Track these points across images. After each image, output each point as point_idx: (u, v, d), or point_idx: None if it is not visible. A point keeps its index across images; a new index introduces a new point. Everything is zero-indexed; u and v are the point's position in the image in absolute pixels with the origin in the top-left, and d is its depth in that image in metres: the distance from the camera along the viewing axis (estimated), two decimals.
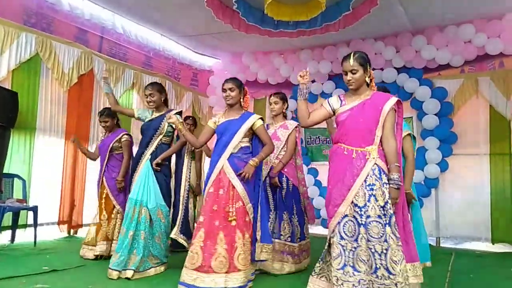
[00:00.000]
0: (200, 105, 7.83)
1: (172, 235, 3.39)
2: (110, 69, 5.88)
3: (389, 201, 2.44)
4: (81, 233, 5.51)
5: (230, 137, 3.13)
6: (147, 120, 3.75)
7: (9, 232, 4.62)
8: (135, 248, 3.41)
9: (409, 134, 3.10)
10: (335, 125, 2.95)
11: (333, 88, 6.66)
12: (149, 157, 3.59)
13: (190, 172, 3.62)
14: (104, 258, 3.95)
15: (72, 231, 5.42)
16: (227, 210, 3.01)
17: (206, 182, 3.18)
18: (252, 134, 3.24)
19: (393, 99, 2.55)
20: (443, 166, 5.79)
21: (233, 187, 3.05)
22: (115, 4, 5.54)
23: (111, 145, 4.22)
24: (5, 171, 4.59)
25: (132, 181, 3.65)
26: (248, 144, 3.21)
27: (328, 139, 6.83)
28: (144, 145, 3.65)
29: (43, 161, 5.11)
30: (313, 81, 6.87)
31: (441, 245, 5.81)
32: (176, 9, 5.46)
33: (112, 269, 3.29)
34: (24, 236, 4.71)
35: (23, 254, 4.08)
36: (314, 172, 6.77)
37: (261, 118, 3.24)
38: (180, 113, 3.79)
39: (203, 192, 3.25)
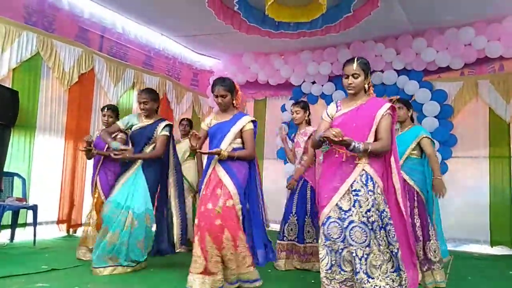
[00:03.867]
0: (200, 106, 7.84)
1: (177, 250, 3.52)
2: (110, 69, 5.89)
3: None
4: (80, 232, 5.50)
5: (220, 140, 3.05)
6: (137, 127, 3.67)
7: (8, 231, 4.61)
8: (110, 247, 3.41)
9: (426, 137, 3.43)
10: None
11: (333, 90, 6.66)
12: (141, 163, 3.57)
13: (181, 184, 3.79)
14: None
15: (71, 230, 5.41)
16: (215, 207, 2.93)
17: (201, 184, 3.15)
18: None
19: (387, 105, 2.54)
20: (443, 168, 5.78)
21: (224, 185, 2.97)
22: (116, 3, 5.55)
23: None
24: (5, 169, 4.60)
25: (116, 183, 3.60)
26: (241, 145, 3.09)
27: None
28: (136, 152, 3.61)
29: (43, 160, 5.11)
30: (313, 83, 6.88)
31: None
32: (177, 9, 5.46)
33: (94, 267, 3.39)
34: (23, 235, 4.71)
35: (23, 253, 4.08)
36: None
37: (253, 121, 3.13)
38: (170, 126, 3.72)
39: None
